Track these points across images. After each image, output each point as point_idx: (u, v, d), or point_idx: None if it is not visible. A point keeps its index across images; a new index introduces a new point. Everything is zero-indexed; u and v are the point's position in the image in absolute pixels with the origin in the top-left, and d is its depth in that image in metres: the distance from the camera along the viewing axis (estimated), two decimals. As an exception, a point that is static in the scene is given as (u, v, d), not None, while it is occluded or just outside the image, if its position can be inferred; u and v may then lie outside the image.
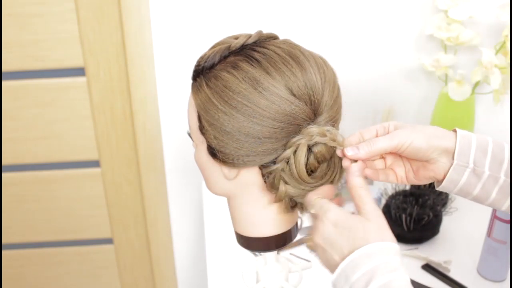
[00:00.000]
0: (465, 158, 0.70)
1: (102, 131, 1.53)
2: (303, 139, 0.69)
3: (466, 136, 0.71)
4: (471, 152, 0.70)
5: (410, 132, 0.70)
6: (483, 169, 0.70)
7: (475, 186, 0.71)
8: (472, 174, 0.70)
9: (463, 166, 0.70)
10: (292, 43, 0.74)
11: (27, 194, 1.62)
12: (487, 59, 1.21)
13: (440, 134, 0.71)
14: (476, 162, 0.70)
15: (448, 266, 1.14)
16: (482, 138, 0.71)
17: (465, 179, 0.71)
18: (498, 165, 0.70)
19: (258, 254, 1.09)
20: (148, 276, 1.77)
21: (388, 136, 0.70)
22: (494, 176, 0.70)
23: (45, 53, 1.42)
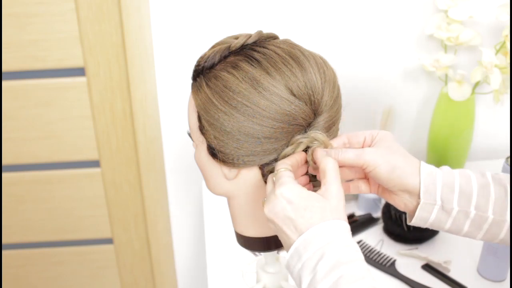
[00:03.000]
0: (431, 196, 0.70)
1: (102, 131, 1.53)
2: (306, 139, 0.70)
3: (431, 173, 0.70)
4: (437, 189, 0.69)
5: (379, 155, 0.70)
6: (451, 206, 0.69)
7: (445, 221, 0.71)
8: (441, 211, 0.70)
9: (430, 204, 0.70)
10: (292, 43, 0.74)
11: (27, 194, 1.62)
12: (487, 59, 1.21)
13: (407, 169, 0.70)
14: (444, 199, 0.69)
15: (448, 266, 1.14)
16: (447, 173, 0.71)
17: (434, 216, 0.71)
18: (467, 200, 0.69)
19: (258, 254, 1.09)
20: (148, 276, 1.77)
21: (358, 152, 0.70)
22: (464, 211, 0.70)
23: (45, 53, 1.42)
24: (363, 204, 1.32)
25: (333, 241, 0.62)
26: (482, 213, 0.69)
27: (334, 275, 0.60)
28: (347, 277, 0.59)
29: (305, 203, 0.64)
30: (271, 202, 0.66)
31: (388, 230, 1.23)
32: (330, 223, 0.63)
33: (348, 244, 0.62)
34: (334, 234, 0.62)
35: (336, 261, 0.60)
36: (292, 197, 0.65)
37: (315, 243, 0.62)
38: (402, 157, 0.71)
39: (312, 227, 0.63)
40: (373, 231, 1.27)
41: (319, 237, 0.62)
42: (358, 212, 1.33)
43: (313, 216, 0.63)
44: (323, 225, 0.63)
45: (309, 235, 0.63)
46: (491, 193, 0.69)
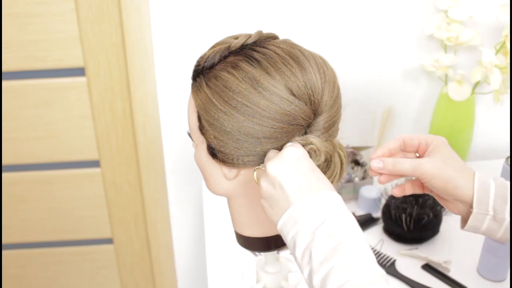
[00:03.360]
0: (484, 206, 0.71)
1: (102, 131, 1.53)
2: (303, 141, 0.69)
3: (484, 183, 0.72)
4: (490, 199, 0.71)
5: (434, 168, 0.73)
6: (503, 216, 0.71)
7: (497, 230, 0.73)
8: (492, 221, 0.72)
9: (483, 214, 0.72)
10: (292, 43, 0.74)
11: (27, 194, 1.62)
12: (487, 59, 1.21)
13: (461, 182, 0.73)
14: (496, 209, 0.71)
15: (448, 266, 1.14)
16: (501, 184, 0.73)
17: (486, 225, 0.73)
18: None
19: (258, 254, 1.09)
20: (148, 276, 1.77)
21: (414, 164, 0.74)
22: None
23: (45, 53, 1.42)
24: (363, 204, 1.32)
25: (334, 210, 0.62)
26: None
27: (334, 239, 0.60)
28: (346, 243, 0.60)
29: (313, 167, 0.66)
30: (278, 159, 0.65)
31: (388, 230, 1.23)
32: (331, 193, 0.64)
33: (347, 214, 0.63)
34: (334, 204, 0.63)
35: (337, 228, 0.61)
36: (302, 158, 0.65)
37: (316, 209, 0.62)
38: (456, 170, 0.73)
39: (316, 193, 0.63)
40: (373, 231, 1.27)
41: (320, 204, 0.63)
42: (358, 212, 1.33)
43: (319, 180, 0.65)
44: (326, 194, 0.64)
45: (310, 200, 0.63)
46: None
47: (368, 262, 0.59)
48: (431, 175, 0.73)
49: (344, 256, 0.59)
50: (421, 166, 0.73)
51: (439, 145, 0.75)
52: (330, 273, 0.58)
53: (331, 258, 0.59)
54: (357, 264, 0.58)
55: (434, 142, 0.76)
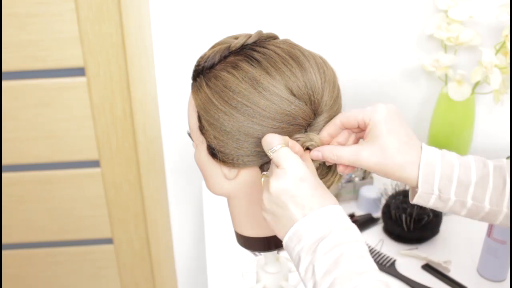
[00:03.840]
0: (429, 186, 0.70)
1: (102, 131, 1.53)
2: (303, 138, 0.70)
3: (430, 163, 0.69)
4: (435, 180, 0.69)
5: (375, 159, 0.69)
6: (448, 196, 0.70)
7: (443, 208, 0.72)
8: (438, 200, 0.71)
9: (428, 193, 0.70)
10: (292, 43, 0.74)
11: (27, 194, 1.62)
12: (487, 59, 1.21)
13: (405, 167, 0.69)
14: (441, 189, 0.70)
15: (448, 266, 1.14)
16: (447, 162, 0.70)
17: (432, 203, 0.71)
18: (464, 190, 0.69)
19: (258, 254, 1.09)
20: (148, 276, 1.77)
21: (353, 158, 0.69)
22: (461, 200, 0.70)
23: (45, 53, 1.42)
24: (363, 204, 1.32)
25: (335, 224, 0.63)
26: (478, 203, 0.70)
27: (335, 252, 0.60)
28: (347, 254, 0.60)
29: (315, 182, 0.65)
30: (280, 178, 0.65)
31: (388, 230, 1.23)
32: (333, 207, 0.64)
33: (348, 226, 0.63)
34: (336, 217, 0.63)
35: (338, 241, 0.61)
36: (304, 176, 0.65)
37: (319, 225, 0.63)
38: (397, 159, 0.69)
39: (318, 209, 0.63)
40: (373, 231, 1.27)
41: (323, 220, 0.63)
42: (358, 212, 1.33)
43: (319, 198, 0.64)
44: (328, 209, 0.64)
45: (313, 217, 0.63)
46: (489, 183, 0.69)
47: (369, 270, 0.60)
48: (371, 168, 0.70)
49: (345, 267, 0.59)
50: (359, 159, 0.69)
51: (377, 125, 0.69)
52: (333, 284, 0.59)
53: (333, 270, 0.60)
54: (359, 274, 0.59)
55: (372, 120, 0.70)
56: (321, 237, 0.62)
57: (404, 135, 0.70)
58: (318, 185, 0.66)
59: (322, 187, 0.66)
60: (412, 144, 0.70)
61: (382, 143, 0.69)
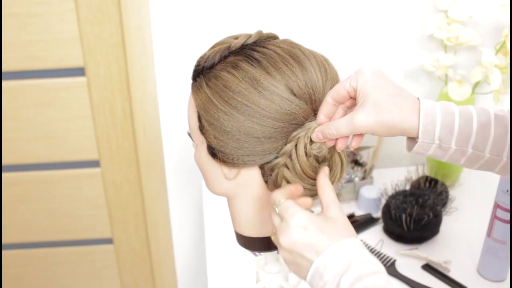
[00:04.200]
0: (429, 136, 0.69)
1: (102, 131, 1.53)
2: (302, 132, 0.70)
3: (430, 113, 0.68)
4: (436, 129, 0.68)
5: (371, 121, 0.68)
6: (449, 145, 0.69)
7: (442, 156, 0.71)
8: (438, 149, 0.70)
9: (428, 142, 0.69)
10: (293, 42, 0.74)
11: (27, 194, 1.62)
12: (487, 59, 1.21)
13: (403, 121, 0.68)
14: (442, 139, 0.69)
15: (448, 266, 1.14)
16: (447, 112, 0.69)
17: (432, 152, 0.70)
18: (465, 139, 0.69)
19: (258, 254, 1.09)
20: (148, 276, 1.77)
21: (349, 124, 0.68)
22: (461, 149, 0.69)
23: (45, 53, 1.42)
24: (363, 204, 1.32)
25: (353, 258, 0.63)
26: (479, 152, 0.69)
27: (358, 286, 0.61)
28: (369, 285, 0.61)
29: (320, 226, 0.65)
30: (286, 232, 0.66)
31: (388, 230, 1.23)
32: (346, 241, 0.64)
33: (367, 258, 0.63)
34: (352, 251, 0.64)
35: (358, 274, 0.62)
36: (307, 223, 0.65)
37: (336, 261, 0.63)
38: (394, 112, 0.68)
39: (330, 246, 0.64)
40: (373, 231, 1.27)
41: (338, 255, 0.63)
42: (358, 212, 1.33)
43: (330, 236, 0.64)
44: (341, 244, 0.64)
45: (329, 254, 0.63)
46: (490, 132, 0.69)
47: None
48: (371, 130, 0.69)
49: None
50: (355, 126, 0.68)
51: (364, 86, 0.68)
52: None
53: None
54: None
55: (358, 83, 0.69)
56: (343, 271, 0.62)
57: (393, 88, 0.69)
58: (325, 224, 0.66)
59: (330, 225, 0.66)
60: (404, 95, 0.69)
61: (374, 100, 0.68)
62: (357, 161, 1.37)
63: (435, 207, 1.21)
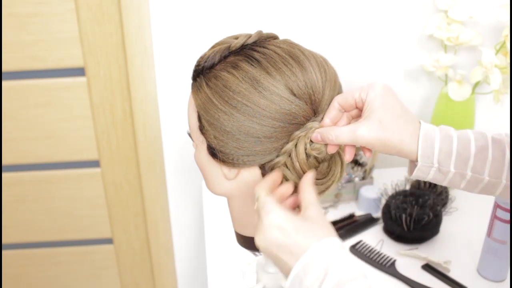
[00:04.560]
0: (429, 159, 0.70)
1: (102, 131, 1.53)
2: (303, 132, 0.70)
3: (429, 137, 0.69)
4: (435, 153, 0.69)
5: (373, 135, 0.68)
6: (448, 168, 0.70)
7: (442, 181, 0.72)
8: (438, 172, 0.71)
9: (427, 166, 0.70)
10: (292, 42, 0.74)
11: (27, 194, 1.62)
12: (487, 59, 1.21)
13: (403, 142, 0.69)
14: (441, 162, 0.70)
15: (448, 266, 1.14)
16: (446, 136, 0.70)
17: (432, 176, 0.71)
18: (464, 163, 0.69)
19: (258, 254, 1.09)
20: (148, 276, 1.77)
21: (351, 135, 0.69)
22: (460, 172, 0.70)
23: (45, 53, 1.42)
24: (363, 204, 1.32)
25: (332, 261, 0.61)
26: (478, 175, 0.70)
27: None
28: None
29: (295, 225, 0.63)
30: (260, 232, 0.64)
31: (388, 230, 1.23)
32: (324, 242, 0.62)
33: (346, 262, 0.61)
34: (331, 253, 0.61)
35: (338, 280, 0.60)
36: (281, 223, 0.63)
37: (315, 266, 0.61)
38: (396, 132, 0.69)
39: (308, 250, 0.61)
40: (373, 231, 1.27)
41: (317, 259, 0.61)
42: (358, 212, 1.33)
43: (306, 238, 0.62)
44: (318, 246, 0.62)
45: (307, 258, 0.61)
46: (488, 155, 0.69)
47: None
48: (371, 144, 0.69)
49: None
50: (357, 137, 0.68)
51: (374, 100, 0.69)
52: None
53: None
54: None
55: (368, 96, 0.70)
56: (320, 277, 0.60)
57: (400, 109, 0.70)
58: (302, 224, 0.63)
59: (307, 224, 0.63)
60: (408, 118, 0.70)
61: (379, 117, 0.69)
62: (357, 161, 1.37)
63: (435, 207, 1.21)
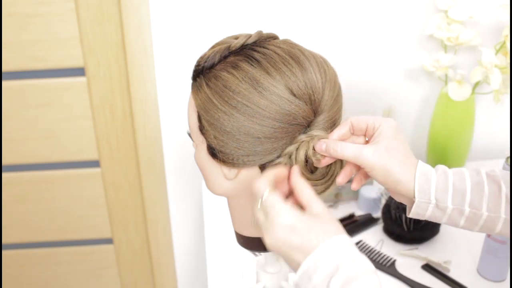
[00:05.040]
0: (426, 196, 0.70)
1: (102, 131, 1.53)
2: (308, 138, 0.70)
3: (426, 173, 0.71)
4: (431, 188, 0.70)
5: (377, 158, 0.70)
6: (446, 204, 0.70)
7: (441, 217, 0.72)
8: (436, 209, 0.71)
9: (425, 202, 0.71)
10: (292, 43, 0.74)
11: (27, 194, 1.62)
12: (487, 59, 1.21)
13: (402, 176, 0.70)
14: (438, 198, 0.70)
15: (448, 266, 1.14)
16: (441, 172, 0.71)
17: (430, 213, 0.72)
18: (461, 198, 0.70)
19: (258, 254, 1.09)
20: (148, 276, 1.77)
21: (356, 151, 0.70)
22: (459, 208, 0.71)
23: (45, 53, 1.42)
24: (363, 204, 1.32)
25: (343, 258, 0.61)
26: (476, 210, 0.70)
27: None
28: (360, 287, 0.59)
29: (307, 225, 0.63)
30: (271, 232, 0.64)
31: (388, 230, 1.23)
32: (334, 239, 0.63)
33: (356, 258, 0.62)
34: (341, 250, 0.62)
35: (348, 276, 0.60)
36: (293, 223, 0.63)
37: (325, 262, 0.61)
38: (399, 163, 0.70)
39: (318, 247, 0.62)
40: (373, 231, 1.27)
41: (327, 256, 0.61)
42: (358, 212, 1.33)
43: (318, 234, 0.63)
44: (329, 243, 0.62)
45: (317, 255, 0.62)
46: (484, 190, 0.70)
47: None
48: (372, 166, 0.70)
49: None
50: (362, 154, 0.70)
51: (386, 130, 0.71)
52: None
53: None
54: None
55: (381, 127, 0.72)
56: (330, 273, 0.60)
57: (406, 147, 0.72)
58: (312, 223, 0.64)
59: (317, 222, 0.64)
60: (411, 159, 0.72)
61: (387, 145, 0.70)
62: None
63: (435, 207, 1.21)
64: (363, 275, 0.61)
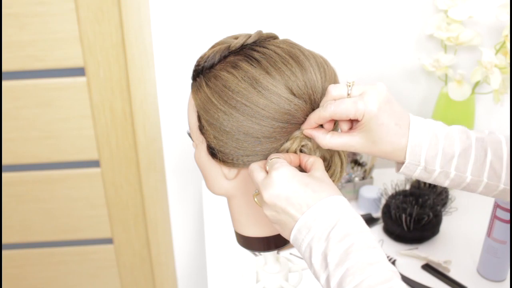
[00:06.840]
0: (416, 158, 0.71)
1: (102, 131, 1.53)
2: (302, 135, 0.70)
3: (417, 135, 0.70)
4: (422, 152, 0.70)
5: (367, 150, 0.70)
6: (433, 167, 0.71)
7: (427, 178, 0.73)
8: (423, 171, 0.72)
9: (415, 164, 0.71)
10: (292, 42, 0.74)
11: (27, 194, 1.62)
12: (487, 59, 1.21)
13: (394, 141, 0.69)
14: (427, 161, 0.71)
15: (448, 266, 1.14)
16: (433, 134, 0.70)
17: (417, 174, 0.72)
18: (448, 161, 0.71)
19: (258, 254, 1.09)
20: (148, 276, 1.77)
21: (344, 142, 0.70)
22: (445, 171, 0.71)
23: (45, 53, 1.42)
24: (363, 204, 1.32)
25: (343, 213, 0.63)
26: (461, 173, 0.72)
27: (346, 242, 0.61)
28: (358, 244, 0.61)
29: (305, 181, 0.65)
30: (269, 186, 0.65)
31: (388, 230, 1.23)
32: (335, 197, 0.65)
33: (356, 216, 0.64)
34: (341, 207, 0.64)
35: (347, 230, 0.62)
36: (291, 177, 0.65)
37: (325, 214, 0.63)
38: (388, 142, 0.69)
39: (319, 201, 0.64)
40: (373, 231, 1.27)
41: (328, 209, 0.63)
42: (358, 212, 1.33)
43: (315, 192, 0.64)
44: (330, 200, 0.64)
45: (318, 208, 0.63)
46: (471, 155, 0.71)
47: (380, 261, 0.60)
48: (363, 152, 0.72)
49: (356, 257, 0.60)
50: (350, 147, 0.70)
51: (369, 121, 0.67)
52: (345, 275, 0.59)
53: (345, 261, 0.60)
54: (369, 264, 0.59)
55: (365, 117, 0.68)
56: (332, 225, 0.62)
57: (394, 124, 0.69)
58: (310, 180, 0.66)
59: (316, 182, 0.66)
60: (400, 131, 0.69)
61: (373, 136, 0.69)
62: (357, 161, 1.37)
63: (435, 207, 1.21)
64: (361, 231, 0.62)
